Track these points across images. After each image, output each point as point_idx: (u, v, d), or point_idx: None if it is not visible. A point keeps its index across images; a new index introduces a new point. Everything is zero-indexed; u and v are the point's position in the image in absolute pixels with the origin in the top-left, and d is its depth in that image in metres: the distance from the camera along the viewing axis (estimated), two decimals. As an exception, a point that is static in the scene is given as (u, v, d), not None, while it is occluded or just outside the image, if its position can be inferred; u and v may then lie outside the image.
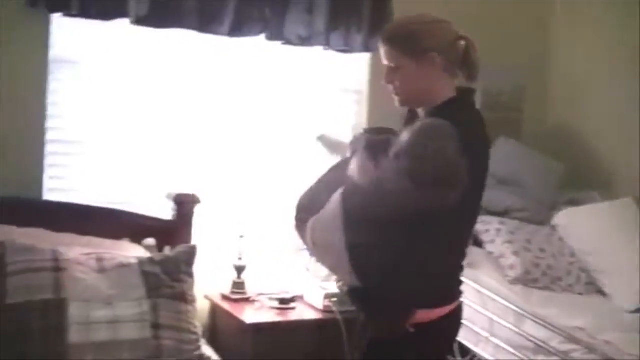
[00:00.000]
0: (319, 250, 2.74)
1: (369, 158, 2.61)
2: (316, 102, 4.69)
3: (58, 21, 3.93)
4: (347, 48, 4.53)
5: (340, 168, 2.85)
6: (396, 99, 2.81)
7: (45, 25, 3.90)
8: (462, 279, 2.87)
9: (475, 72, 2.78)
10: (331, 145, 3.19)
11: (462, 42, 2.74)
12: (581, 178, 5.12)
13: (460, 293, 2.84)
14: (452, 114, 2.63)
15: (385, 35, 2.78)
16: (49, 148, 3.99)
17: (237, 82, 4.46)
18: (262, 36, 4.29)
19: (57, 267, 3.37)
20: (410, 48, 2.72)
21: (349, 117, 4.78)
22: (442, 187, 2.48)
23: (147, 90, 4.22)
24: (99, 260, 3.49)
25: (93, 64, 4.08)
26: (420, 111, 2.80)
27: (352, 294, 2.75)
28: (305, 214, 2.80)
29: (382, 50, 2.78)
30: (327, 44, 4.47)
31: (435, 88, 2.75)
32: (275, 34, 4.31)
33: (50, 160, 4.01)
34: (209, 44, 4.30)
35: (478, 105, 2.87)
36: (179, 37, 4.17)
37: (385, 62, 2.78)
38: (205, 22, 4.09)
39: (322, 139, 3.25)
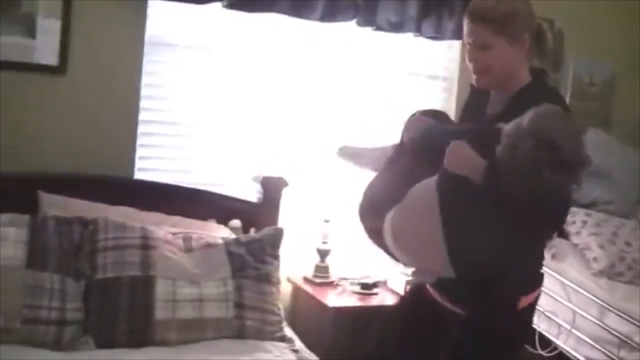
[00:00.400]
0: (401, 243, 2.63)
1: (477, 149, 2.49)
2: (405, 88, 4.69)
3: (154, 4, 4.00)
4: (437, 35, 4.52)
5: (393, 163, 2.83)
6: (476, 78, 2.78)
7: (143, 9, 3.97)
8: (546, 269, 2.86)
9: (556, 58, 2.73)
10: (352, 154, 3.10)
11: (544, 26, 2.72)
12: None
13: (543, 276, 2.84)
14: (555, 98, 2.61)
15: (478, 14, 2.71)
16: (141, 128, 4.06)
17: (327, 67, 4.48)
18: (353, 22, 4.31)
19: (146, 244, 3.46)
20: (504, 28, 2.67)
21: (437, 105, 4.77)
22: (581, 171, 2.39)
23: (239, 73, 4.27)
24: (186, 239, 3.57)
25: (187, 46, 4.14)
26: (495, 93, 2.79)
27: (443, 283, 2.70)
28: (370, 221, 2.80)
29: (471, 28, 2.71)
30: (418, 31, 4.46)
31: (520, 70, 2.74)
32: (367, 20, 4.32)
33: (142, 140, 4.08)
34: (300, 29, 4.33)
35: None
36: (270, 21, 4.22)
37: (470, 39, 2.72)
38: (297, 7, 4.12)
39: (342, 151, 3.11)
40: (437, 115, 2.87)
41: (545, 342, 4.13)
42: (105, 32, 3.90)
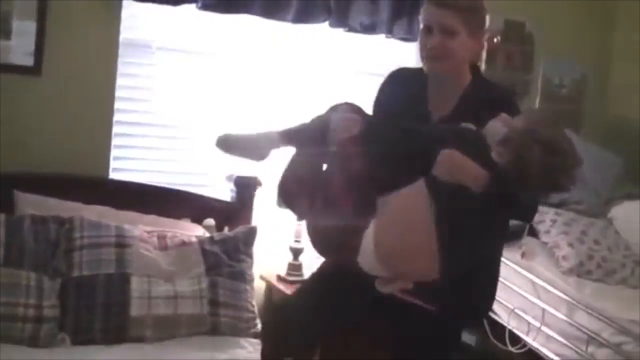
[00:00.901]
0: (383, 249, 2.52)
1: (466, 152, 2.46)
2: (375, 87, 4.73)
3: (129, 5, 4.02)
4: (409, 36, 4.56)
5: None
6: (429, 63, 2.77)
7: (117, 10, 3.99)
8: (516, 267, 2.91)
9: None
10: (233, 145, 2.88)
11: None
12: (640, 173, 5.10)
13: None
14: (505, 93, 2.81)
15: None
16: (116, 129, 4.09)
17: (299, 67, 4.52)
18: (326, 24, 4.36)
19: (121, 243, 3.51)
20: (469, 19, 2.71)
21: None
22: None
23: (214, 74, 4.30)
24: (161, 237, 3.62)
25: (161, 48, 4.17)
26: (434, 91, 2.83)
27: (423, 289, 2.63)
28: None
29: (438, 12, 2.70)
30: (390, 32, 4.52)
31: (466, 66, 2.80)
32: (340, 22, 4.37)
33: (117, 140, 4.11)
34: (273, 30, 4.37)
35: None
36: (244, 23, 4.25)
37: (434, 23, 2.71)
38: (270, 8, 4.16)
39: (222, 141, 2.86)
40: (355, 110, 2.81)
41: (515, 339, 4.18)
42: (81, 33, 3.92)
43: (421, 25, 2.79)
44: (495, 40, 4.94)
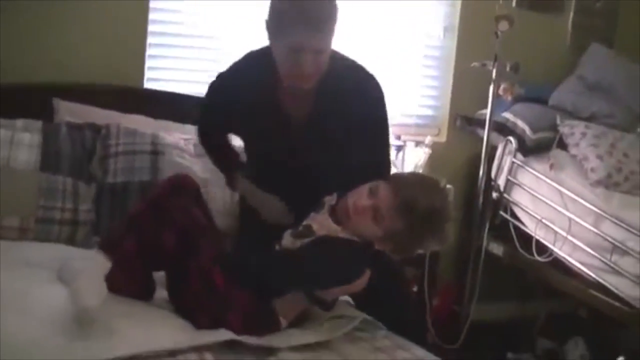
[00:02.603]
0: None
1: None
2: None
3: None
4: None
5: None
6: (305, 83, 2.73)
7: None
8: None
9: None
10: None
11: None
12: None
13: None
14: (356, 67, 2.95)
15: (317, 21, 2.60)
16: (150, 40, 4.13)
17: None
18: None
19: (156, 150, 3.57)
20: (333, 27, 2.66)
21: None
22: None
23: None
24: (197, 145, 3.62)
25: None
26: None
27: None
28: None
29: (311, 36, 2.60)
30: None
31: None
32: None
33: (151, 51, 4.15)
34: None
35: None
36: None
37: (310, 46, 2.61)
38: None
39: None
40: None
41: (542, 249, 4.26)
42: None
43: (283, 43, 2.66)
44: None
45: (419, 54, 4.89)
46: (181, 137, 3.73)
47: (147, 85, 4.15)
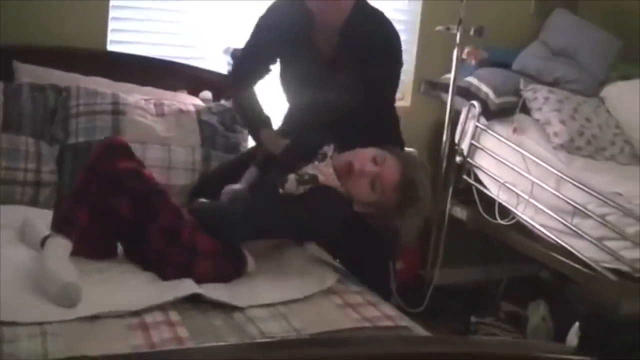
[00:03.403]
0: None
1: None
2: None
3: None
4: None
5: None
6: (335, 16, 3.19)
7: None
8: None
9: None
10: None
11: None
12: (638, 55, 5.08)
13: None
14: (383, 24, 3.33)
15: None
16: (112, 2, 4.09)
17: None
18: None
19: (117, 110, 3.56)
20: None
21: None
22: None
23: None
24: (158, 105, 3.65)
25: None
26: (318, 18, 3.25)
27: None
28: None
29: None
30: None
31: None
32: None
33: (114, 13, 4.11)
34: None
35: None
36: None
37: None
38: None
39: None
40: None
41: (505, 213, 4.30)
42: None
43: None
44: None
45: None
46: (141, 97, 3.72)
47: (111, 48, 4.11)
